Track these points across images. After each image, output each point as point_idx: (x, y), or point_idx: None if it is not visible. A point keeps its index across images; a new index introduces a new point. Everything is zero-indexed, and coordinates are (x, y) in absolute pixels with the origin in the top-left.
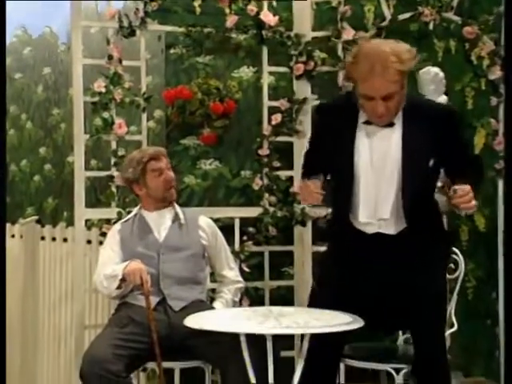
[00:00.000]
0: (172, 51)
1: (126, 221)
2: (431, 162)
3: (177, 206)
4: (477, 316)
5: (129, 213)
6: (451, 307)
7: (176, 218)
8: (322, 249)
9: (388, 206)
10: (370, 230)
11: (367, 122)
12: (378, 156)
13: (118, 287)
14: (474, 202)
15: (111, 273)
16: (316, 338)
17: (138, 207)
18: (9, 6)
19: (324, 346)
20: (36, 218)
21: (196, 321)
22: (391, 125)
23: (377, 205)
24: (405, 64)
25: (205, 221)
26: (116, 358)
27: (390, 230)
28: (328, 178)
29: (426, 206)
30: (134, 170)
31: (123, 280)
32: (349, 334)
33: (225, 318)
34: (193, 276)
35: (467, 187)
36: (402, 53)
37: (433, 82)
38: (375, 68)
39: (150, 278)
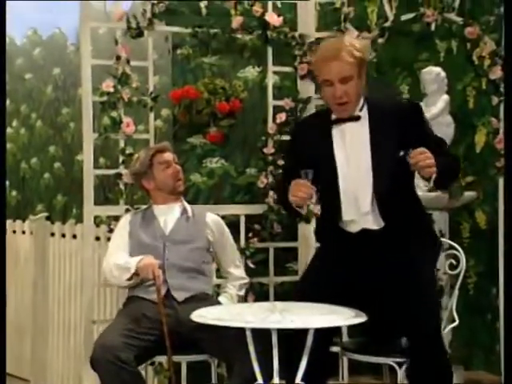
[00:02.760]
0: (179, 51)
1: (136, 213)
2: (401, 153)
3: (185, 202)
4: (477, 311)
5: (136, 210)
6: (452, 302)
7: (184, 212)
8: None
9: (367, 199)
10: (354, 228)
11: (336, 121)
12: (352, 153)
13: (129, 279)
14: (431, 161)
15: (124, 264)
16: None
17: (149, 204)
18: (20, 8)
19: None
20: (46, 214)
21: (202, 315)
22: (357, 118)
23: (357, 201)
24: (358, 51)
25: (212, 218)
26: (126, 346)
27: (374, 225)
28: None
29: (404, 199)
30: (142, 163)
31: (136, 274)
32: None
33: (230, 312)
34: (197, 267)
35: (423, 149)
36: (355, 41)
37: (435, 82)
38: (331, 53)
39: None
